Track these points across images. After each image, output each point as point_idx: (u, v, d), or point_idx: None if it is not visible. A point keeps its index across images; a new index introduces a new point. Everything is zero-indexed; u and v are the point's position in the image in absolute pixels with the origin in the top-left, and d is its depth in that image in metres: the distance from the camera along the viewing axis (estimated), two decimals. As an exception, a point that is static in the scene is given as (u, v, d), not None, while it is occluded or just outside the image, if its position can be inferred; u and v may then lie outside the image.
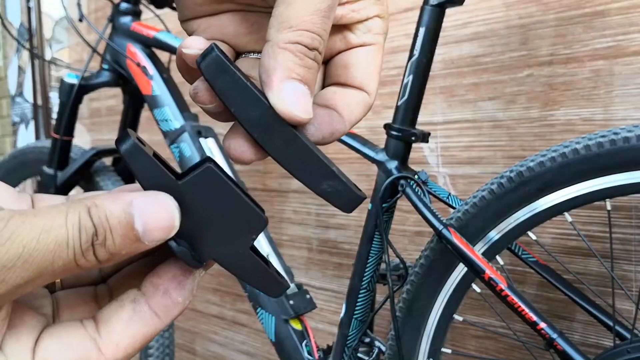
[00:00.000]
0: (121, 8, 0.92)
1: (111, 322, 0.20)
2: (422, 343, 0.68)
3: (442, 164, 0.87)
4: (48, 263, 0.17)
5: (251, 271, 0.21)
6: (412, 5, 0.89)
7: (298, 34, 0.20)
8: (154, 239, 0.19)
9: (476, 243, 0.63)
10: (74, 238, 0.18)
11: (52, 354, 0.19)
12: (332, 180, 0.21)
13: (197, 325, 1.38)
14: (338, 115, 0.23)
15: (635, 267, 0.70)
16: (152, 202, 0.19)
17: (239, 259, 0.20)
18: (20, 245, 0.17)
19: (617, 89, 0.70)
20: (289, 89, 0.20)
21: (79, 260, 0.18)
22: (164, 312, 0.20)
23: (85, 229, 0.18)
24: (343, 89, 0.24)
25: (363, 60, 0.24)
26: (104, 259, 0.18)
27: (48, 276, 0.18)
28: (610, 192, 0.55)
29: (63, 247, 0.17)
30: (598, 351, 0.65)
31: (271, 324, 0.77)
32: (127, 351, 0.20)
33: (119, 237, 0.18)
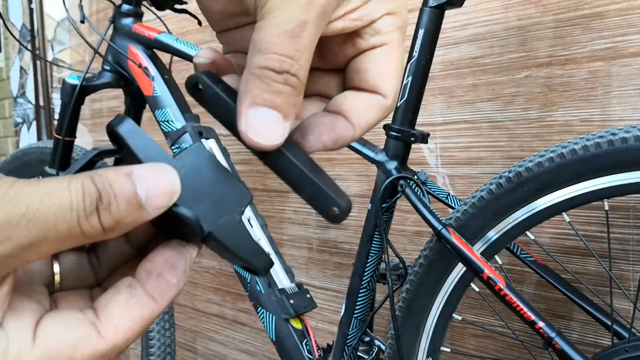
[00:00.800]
0: (123, 9, 0.93)
1: (109, 306, 0.20)
2: (422, 342, 0.68)
3: (442, 164, 0.88)
4: (51, 225, 0.17)
5: (242, 243, 0.21)
6: (411, 6, 0.90)
7: (266, 58, 0.20)
8: (156, 205, 0.19)
9: (475, 243, 0.63)
10: (77, 202, 0.18)
11: (53, 335, 0.19)
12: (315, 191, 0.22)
13: (198, 325, 1.39)
14: (345, 121, 0.23)
15: (632, 267, 0.70)
16: (153, 170, 0.19)
17: (232, 230, 0.21)
18: (24, 205, 0.17)
19: (615, 90, 0.70)
20: (253, 116, 0.20)
21: (82, 224, 0.18)
22: (159, 294, 0.21)
23: (89, 194, 0.18)
24: (355, 92, 0.23)
25: (376, 61, 0.23)
26: (109, 226, 0.18)
27: (53, 242, 0.18)
28: (608, 192, 0.56)
29: (66, 210, 0.18)
30: (596, 350, 0.66)
31: (271, 323, 0.78)
32: (126, 335, 0.20)
33: (123, 202, 0.18)
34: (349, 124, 0.23)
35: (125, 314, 0.20)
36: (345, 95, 0.23)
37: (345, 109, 0.23)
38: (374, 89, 0.23)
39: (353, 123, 0.23)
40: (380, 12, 0.23)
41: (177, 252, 0.21)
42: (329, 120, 0.23)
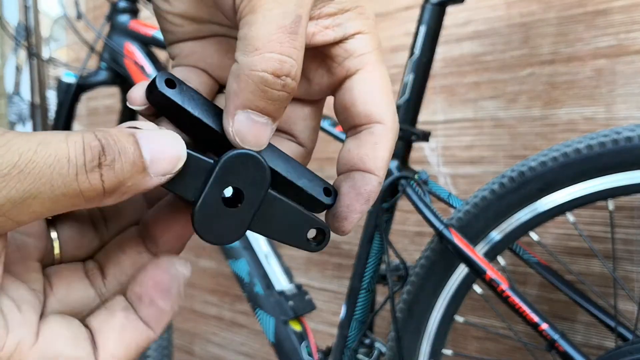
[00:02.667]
0: (119, 6, 0.92)
1: (103, 331, 0.19)
2: (423, 344, 0.67)
3: (443, 163, 0.87)
4: (46, 179, 0.16)
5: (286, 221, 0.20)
6: (412, 3, 0.89)
7: (266, 58, 0.18)
8: (160, 170, 0.18)
9: (477, 243, 0.62)
10: (76, 155, 0.16)
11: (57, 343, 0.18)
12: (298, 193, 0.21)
13: (195, 326, 1.38)
14: (362, 174, 0.21)
15: (637, 268, 0.69)
16: (158, 134, 0.18)
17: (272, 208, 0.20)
18: (16, 153, 0.15)
19: (620, 88, 0.69)
20: (242, 119, 0.19)
21: (81, 181, 0.16)
22: (154, 322, 0.20)
23: (90, 148, 0.16)
24: (354, 140, 0.22)
25: (359, 89, 0.21)
26: (110, 186, 0.17)
27: (47, 200, 0.16)
28: (613, 192, 0.55)
29: (63, 163, 0.16)
30: (600, 352, 0.65)
31: (270, 325, 0.77)
32: None
33: (128, 162, 0.17)
34: (367, 175, 0.21)
35: (121, 341, 0.19)
36: (348, 149, 0.22)
37: (356, 162, 0.21)
38: (368, 121, 0.21)
39: (371, 170, 0.21)
40: (352, 29, 0.21)
41: (168, 275, 0.20)
42: (349, 186, 0.21)
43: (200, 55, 0.23)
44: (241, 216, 0.19)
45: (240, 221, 0.19)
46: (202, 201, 0.18)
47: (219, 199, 0.19)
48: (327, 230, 0.21)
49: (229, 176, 0.19)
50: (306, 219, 0.20)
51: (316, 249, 0.21)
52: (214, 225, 0.19)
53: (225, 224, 0.19)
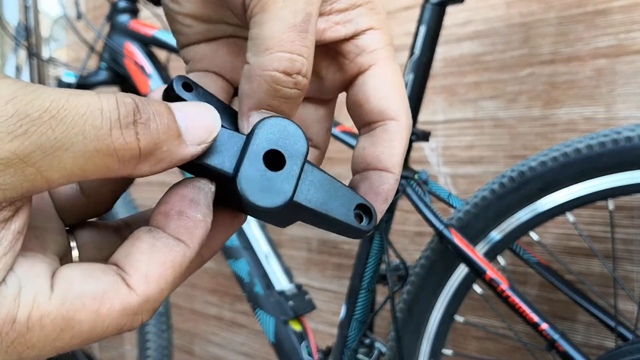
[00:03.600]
0: (119, 6, 0.92)
1: (131, 255, 0.17)
2: (423, 344, 0.67)
3: (443, 163, 0.87)
4: (79, 129, 0.14)
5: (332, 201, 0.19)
6: (412, 3, 0.89)
7: (277, 57, 0.18)
8: (196, 138, 0.17)
9: (477, 243, 0.62)
10: (110, 109, 0.15)
11: (75, 282, 0.16)
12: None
13: (195, 326, 1.38)
14: (378, 175, 0.21)
15: (637, 268, 0.69)
16: (191, 104, 0.18)
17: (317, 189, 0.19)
18: (47, 99, 0.14)
19: (620, 88, 0.69)
20: (257, 119, 0.19)
21: (115, 137, 0.15)
22: (186, 234, 0.18)
23: (124, 104, 0.15)
24: (368, 138, 0.21)
25: (372, 85, 0.21)
26: (146, 147, 0.15)
27: (79, 155, 0.14)
28: (613, 192, 0.55)
29: (96, 114, 0.15)
30: (600, 352, 0.65)
31: (270, 325, 0.77)
32: (159, 284, 0.17)
33: (163, 124, 0.16)
34: (384, 174, 0.21)
35: (152, 260, 0.17)
36: (362, 147, 0.22)
37: (372, 160, 0.21)
38: (382, 117, 0.21)
39: (388, 169, 0.21)
40: (364, 25, 0.21)
41: (194, 187, 0.18)
42: (367, 186, 0.21)
43: (213, 58, 0.23)
44: (286, 179, 0.18)
45: (286, 184, 0.18)
46: (245, 165, 0.18)
47: (261, 162, 0.18)
48: (373, 208, 0.20)
49: (266, 140, 0.18)
50: (349, 196, 0.19)
51: (367, 229, 0.20)
52: (260, 189, 0.18)
53: (271, 187, 0.18)
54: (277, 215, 0.20)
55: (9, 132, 0.14)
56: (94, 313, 0.16)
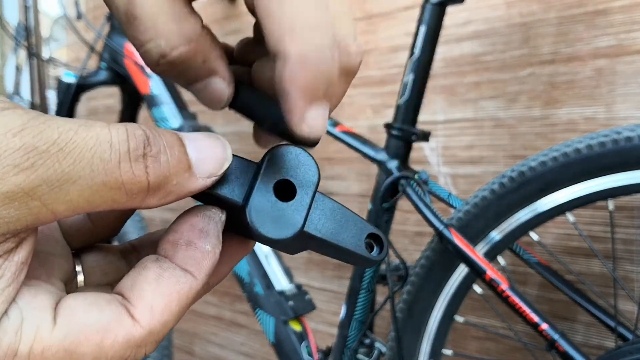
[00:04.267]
0: (119, 6, 0.92)
1: (137, 285, 0.17)
2: (423, 344, 0.67)
3: (443, 163, 0.87)
4: (86, 162, 0.14)
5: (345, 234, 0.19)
6: (412, 3, 0.89)
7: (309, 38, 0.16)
8: (206, 170, 0.17)
9: (477, 243, 0.62)
10: (120, 141, 0.15)
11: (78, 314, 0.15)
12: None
13: (195, 327, 1.38)
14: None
15: (637, 268, 0.69)
16: (202, 135, 0.17)
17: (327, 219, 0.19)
18: (56, 131, 0.14)
19: (620, 88, 0.69)
20: (314, 114, 0.17)
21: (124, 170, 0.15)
22: (194, 265, 0.17)
23: (134, 136, 0.15)
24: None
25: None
26: (155, 181, 0.15)
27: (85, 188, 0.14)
28: (613, 192, 0.55)
29: (105, 147, 0.14)
30: (600, 352, 0.65)
31: (270, 325, 0.77)
32: (163, 316, 0.16)
33: (174, 156, 0.16)
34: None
35: (158, 291, 0.16)
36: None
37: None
38: (273, 50, 0.17)
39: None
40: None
41: (204, 217, 0.18)
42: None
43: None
44: (296, 209, 0.18)
45: (296, 215, 0.18)
46: (255, 195, 0.18)
47: (271, 192, 0.18)
48: (384, 237, 0.20)
49: (277, 169, 0.18)
50: (360, 225, 0.19)
51: (377, 259, 0.19)
52: (270, 220, 0.18)
53: (281, 218, 0.18)
54: (287, 245, 0.20)
55: (15, 165, 0.13)
56: (96, 346, 0.15)
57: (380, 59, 0.92)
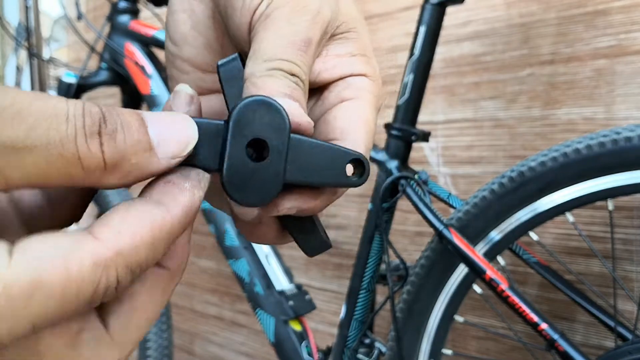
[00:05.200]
0: (120, 7, 0.92)
1: (104, 216, 0.16)
2: (423, 344, 0.67)
3: (443, 163, 0.87)
4: (42, 131, 0.14)
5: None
6: (412, 3, 0.89)
7: (275, 63, 0.18)
8: (169, 152, 0.16)
9: (477, 243, 0.62)
10: (75, 114, 0.14)
11: (36, 250, 0.14)
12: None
13: (196, 326, 1.38)
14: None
15: (637, 268, 0.70)
16: (166, 114, 0.17)
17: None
18: (11, 98, 0.14)
19: (619, 88, 0.70)
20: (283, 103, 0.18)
21: (80, 144, 0.14)
22: (169, 198, 0.16)
23: (90, 113, 0.15)
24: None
25: (344, 112, 0.20)
26: (112, 160, 0.15)
27: (41, 158, 0.14)
28: (612, 192, 0.55)
29: (61, 119, 0.14)
30: (599, 352, 0.65)
31: (270, 325, 0.77)
32: (133, 239, 0.15)
33: (131, 137, 0.15)
34: None
35: (127, 219, 0.15)
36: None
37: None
38: (340, 137, 0.20)
39: None
40: (360, 70, 0.21)
41: (185, 169, 0.17)
42: None
43: (206, 109, 0.23)
44: (273, 168, 0.17)
45: (274, 173, 0.17)
46: (227, 162, 0.17)
47: (244, 155, 0.17)
48: (365, 160, 0.19)
49: (245, 128, 0.17)
50: (340, 154, 0.18)
51: (359, 183, 0.19)
52: (248, 185, 0.17)
53: (259, 180, 0.17)
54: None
55: None
56: (63, 271, 0.14)
57: (380, 59, 0.92)
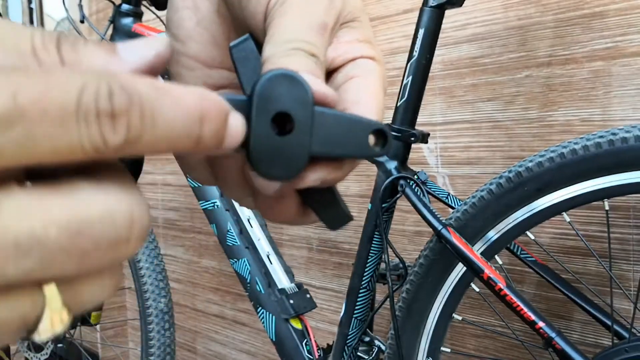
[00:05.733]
0: (122, 9, 0.92)
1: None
2: (422, 342, 0.68)
3: (442, 164, 0.88)
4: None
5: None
6: (411, 6, 0.90)
7: (295, 44, 0.18)
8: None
9: (475, 243, 0.63)
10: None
11: None
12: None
13: (198, 325, 1.39)
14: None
15: (633, 267, 0.70)
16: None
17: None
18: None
19: (616, 90, 0.70)
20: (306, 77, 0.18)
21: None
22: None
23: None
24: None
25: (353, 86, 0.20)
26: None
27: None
28: (609, 192, 0.56)
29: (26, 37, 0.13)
30: (596, 350, 0.66)
31: (271, 323, 0.78)
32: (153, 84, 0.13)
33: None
34: None
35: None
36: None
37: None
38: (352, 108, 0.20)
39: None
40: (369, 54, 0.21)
41: None
42: None
43: None
44: (298, 141, 0.17)
45: (299, 147, 0.17)
46: (253, 137, 0.17)
47: (269, 130, 0.17)
48: (387, 130, 0.19)
49: (269, 102, 0.17)
50: (362, 125, 0.18)
51: (382, 153, 0.19)
52: (275, 159, 0.17)
53: (286, 154, 0.17)
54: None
55: None
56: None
57: (380, 61, 0.93)
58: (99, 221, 0.12)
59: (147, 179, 1.47)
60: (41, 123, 0.11)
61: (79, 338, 1.23)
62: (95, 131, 0.12)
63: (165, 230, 1.45)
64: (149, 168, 1.46)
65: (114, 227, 0.12)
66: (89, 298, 0.13)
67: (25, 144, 0.11)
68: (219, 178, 0.22)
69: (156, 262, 0.98)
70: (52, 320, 0.13)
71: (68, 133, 0.11)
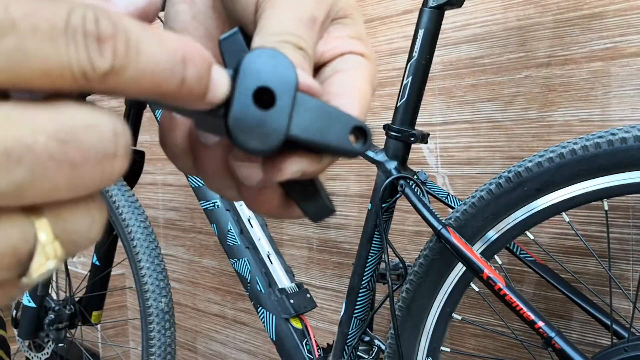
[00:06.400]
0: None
1: None
2: (421, 341, 0.68)
3: (441, 164, 0.88)
4: None
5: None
6: (411, 7, 0.90)
7: (283, 36, 0.19)
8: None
9: (475, 243, 0.63)
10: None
11: None
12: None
13: (198, 324, 1.39)
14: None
15: (632, 267, 0.71)
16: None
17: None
18: None
19: (615, 90, 0.70)
20: None
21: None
22: None
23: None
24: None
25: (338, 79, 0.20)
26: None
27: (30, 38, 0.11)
28: (608, 192, 0.56)
29: None
30: (596, 350, 0.66)
31: (272, 322, 0.78)
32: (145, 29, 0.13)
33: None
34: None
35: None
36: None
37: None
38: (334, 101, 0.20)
39: None
40: (359, 50, 0.21)
41: None
42: None
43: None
44: (278, 117, 0.17)
45: (278, 122, 0.17)
46: (234, 107, 0.17)
47: (250, 102, 0.17)
48: (367, 128, 0.19)
49: (253, 75, 0.17)
50: (343, 119, 0.19)
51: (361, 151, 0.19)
52: (253, 131, 0.17)
53: (264, 128, 0.17)
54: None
55: None
56: None
57: (380, 62, 0.93)
58: (84, 131, 0.12)
59: (147, 179, 1.47)
60: (32, 37, 0.11)
61: (80, 338, 1.23)
62: (82, 52, 0.12)
63: (166, 230, 1.45)
64: (150, 168, 1.46)
65: (99, 138, 0.13)
66: (79, 228, 0.13)
67: (15, 57, 0.11)
68: (202, 168, 0.22)
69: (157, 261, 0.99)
70: (45, 253, 0.13)
71: (57, 51, 0.12)
